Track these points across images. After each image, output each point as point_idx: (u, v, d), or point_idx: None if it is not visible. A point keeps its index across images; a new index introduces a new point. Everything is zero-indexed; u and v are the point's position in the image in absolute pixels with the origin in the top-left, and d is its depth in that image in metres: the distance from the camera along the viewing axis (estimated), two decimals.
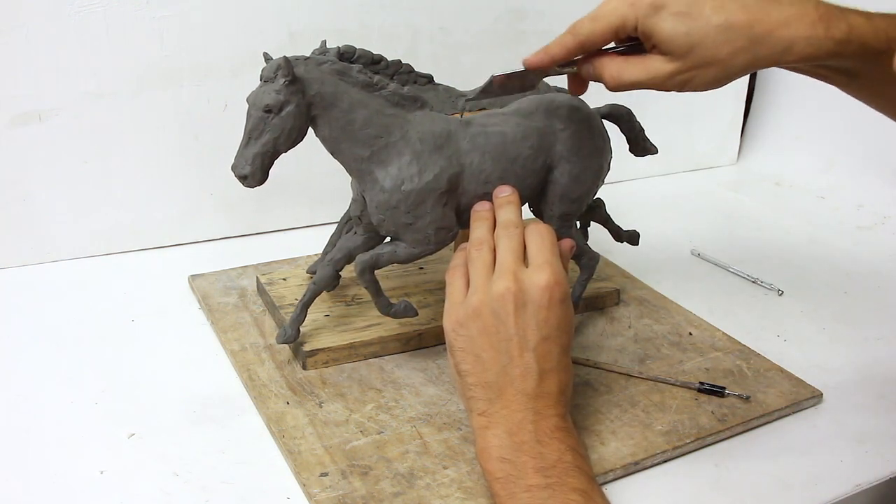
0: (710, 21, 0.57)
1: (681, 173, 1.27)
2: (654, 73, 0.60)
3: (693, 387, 0.72)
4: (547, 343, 0.59)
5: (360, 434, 0.65)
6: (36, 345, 0.77)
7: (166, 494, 0.60)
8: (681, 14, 0.57)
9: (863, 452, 0.67)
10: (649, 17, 0.58)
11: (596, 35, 0.60)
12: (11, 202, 0.88)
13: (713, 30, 0.57)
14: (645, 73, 0.60)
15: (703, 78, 0.60)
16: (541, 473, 0.54)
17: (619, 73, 0.61)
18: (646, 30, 0.59)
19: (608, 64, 0.62)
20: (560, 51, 0.62)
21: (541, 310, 0.59)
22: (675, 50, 0.58)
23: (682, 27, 0.57)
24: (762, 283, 0.93)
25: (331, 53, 0.69)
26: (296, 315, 0.72)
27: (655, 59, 0.60)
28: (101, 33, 0.86)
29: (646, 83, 0.61)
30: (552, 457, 0.55)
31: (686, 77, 0.60)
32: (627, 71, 0.61)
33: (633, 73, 0.61)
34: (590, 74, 0.64)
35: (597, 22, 0.60)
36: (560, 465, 0.55)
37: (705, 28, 0.57)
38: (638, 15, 0.58)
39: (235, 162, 0.63)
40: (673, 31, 0.58)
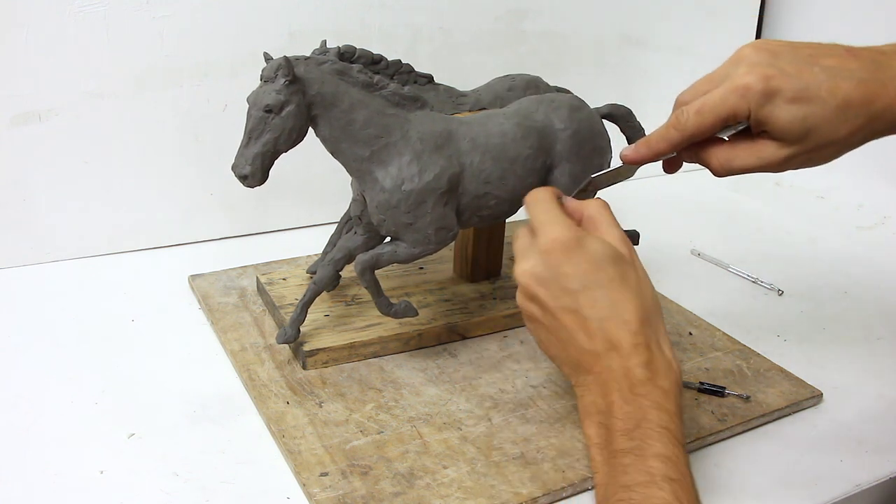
0: (826, 104, 0.54)
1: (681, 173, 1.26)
2: (768, 159, 0.57)
3: (693, 387, 0.72)
4: (585, 294, 0.55)
5: (360, 434, 0.65)
6: (36, 345, 0.77)
7: (166, 494, 0.60)
8: (796, 100, 0.54)
9: (863, 452, 0.67)
10: (763, 107, 0.55)
11: (703, 128, 0.57)
12: (11, 202, 0.88)
13: (831, 112, 0.55)
14: (757, 160, 0.58)
15: (821, 157, 0.57)
16: (626, 436, 0.52)
17: (729, 162, 0.59)
18: (759, 119, 0.56)
19: (716, 152, 0.59)
20: (665, 146, 0.60)
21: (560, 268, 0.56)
22: (790, 136, 0.56)
23: (800, 114, 0.55)
24: (762, 283, 0.93)
25: (331, 53, 0.69)
26: (296, 315, 0.72)
27: (768, 146, 0.57)
28: (101, 33, 0.86)
29: (757, 169, 0.58)
30: (636, 416, 0.52)
31: (802, 160, 0.57)
32: (738, 159, 0.58)
33: (744, 160, 0.58)
34: (693, 159, 0.61)
35: (704, 115, 0.57)
36: (644, 426, 0.52)
37: (822, 111, 0.54)
38: (751, 105, 0.55)
39: (236, 162, 0.63)
40: (789, 119, 0.55)
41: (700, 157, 0.60)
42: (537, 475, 0.61)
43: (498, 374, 0.73)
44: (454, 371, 0.74)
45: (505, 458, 0.63)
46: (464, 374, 0.73)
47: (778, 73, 0.55)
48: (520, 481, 0.61)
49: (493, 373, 0.73)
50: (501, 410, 0.69)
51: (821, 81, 0.54)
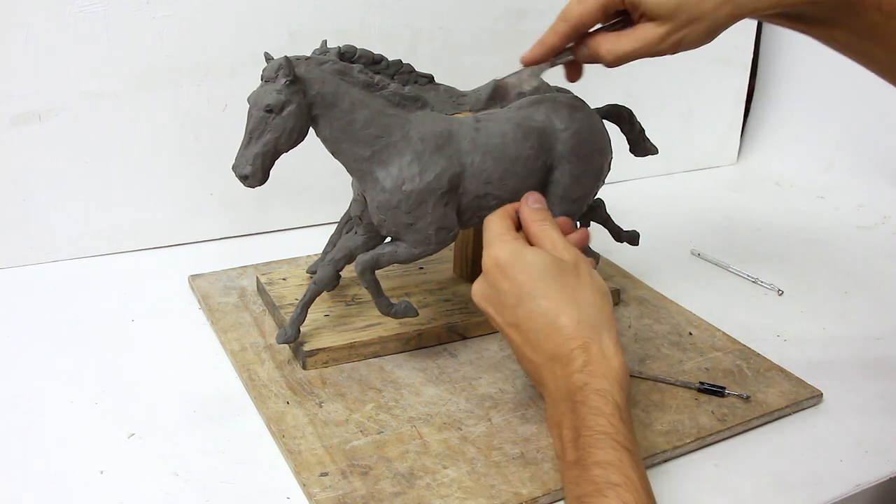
0: None
1: (681, 173, 1.27)
2: (647, 39, 0.62)
3: (693, 387, 0.72)
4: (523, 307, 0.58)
5: (360, 434, 0.65)
6: (36, 345, 0.77)
7: (166, 494, 0.60)
8: None
9: (863, 452, 0.67)
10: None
11: (586, 15, 0.63)
12: (11, 202, 0.88)
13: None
14: (639, 42, 0.62)
15: (694, 34, 0.62)
16: (573, 446, 0.53)
17: (615, 47, 0.63)
18: (633, 1, 0.61)
19: (602, 41, 0.64)
20: (554, 38, 0.64)
21: (497, 287, 0.60)
22: (662, 14, 0.61)
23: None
24: (762, 283, 0.93)
25: (331, 53, 0.69)
26: (296, 315, 0.72)
27: (646, 27, 0.62)
28: (101, 33, 0.86)
29: (641, 51, 0.63)
30: (577, 424, 0.54)
31: (677, 37, 0.62)
32: (622, 43, 0.63)
33: (628, 43, 0.63)
34: (586, 56, 0.65)
35: (584, 3, 0.62)
36: (584, 434, 0.53)
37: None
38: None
39: (236, 162, 0.63)
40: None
41: (590, 51, 0.65)
42: (537, 475, 0.61)
43: (498, 374, 0.73)
44: (454, 371, 0.74)
45: (505, 458, 0.63)
46: (464, 374, 0.73)
47: None
48: (520, 481, 0.61)
49: (493, 373, 0.73)
50: (501, 410, 0.69)
51: None
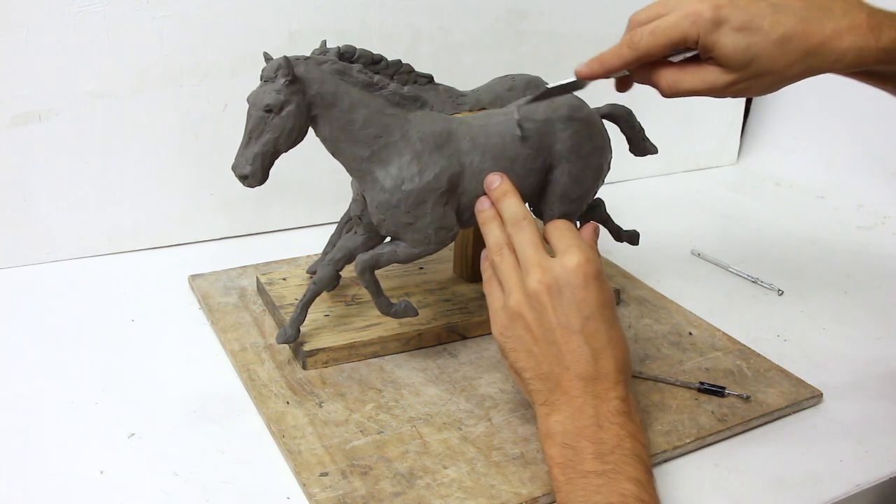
0: (768, 36, 0.59)
1: (681, 173, 1.27)
2: (712, 83, 0.61)
3: (693, 387, 0.72)
4: (592, 322, 0.59)
5: (360, 434, 0.65)
6: (36, 345, 0.77)
7: (166, 494, 0.60)
8: (741, 29, 0.59)
9: (863, 452, 0.67)
10: (711, 34, 0.59)
11: (655, 49, 0.61)
12: (11, 202, 0.88)
13: (771, 44, 0.59)
14: (702, 84, 0.62)
15: (759, 86, 0.62)
16: (599, 459, 0.55)
17: (676, 83, 0.63)
18: (707, 44, 0.60)
19: (665, 73, 0.63)
20: (616, 62, 0.63)
21: (577, 291, 0.59)
22: (733, 63, 0.60)
23: (743, 42, 0.59)
24: (762, 283, 0.93)
25: (331, 53, 0.69)
26: (296, 315, 0.72)
27: (712, 71, 0.61)
28: (101, 33, 0.86)
29: (702, 92, 0.62)
30: (611, 442, 0.56)
31: (742, 87, 0.62)
32: (684, 81, 0.62)
33: (690, 83, 0.62)
34: (643, 79, 0.65)
35: (657, 36, 0.61)
36: (618, 452, 0.55)
37: (764, 42, 0.59)
38: (700, 31, 0.59)
39: (236, 162, 0.63)
40: (734, 47, 0.59)
41: (650, 78, 0.64)
42: (537, 475, 0.61)
43: (498, 374, 0.73)
44: (454, 371, 0.74)
45: (505, 458, 0.63)
46: (464, 374, 0.73)
47: (728, 4, 0.59)
48: (520, 481, 0.61)
49: (493, 373, 0.73)
50: (501, 410, 0.69)
51: (766, 15, 0.59)
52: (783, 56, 0.59)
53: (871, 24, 0.59)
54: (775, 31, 0.59)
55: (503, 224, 0.65)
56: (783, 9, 0.60)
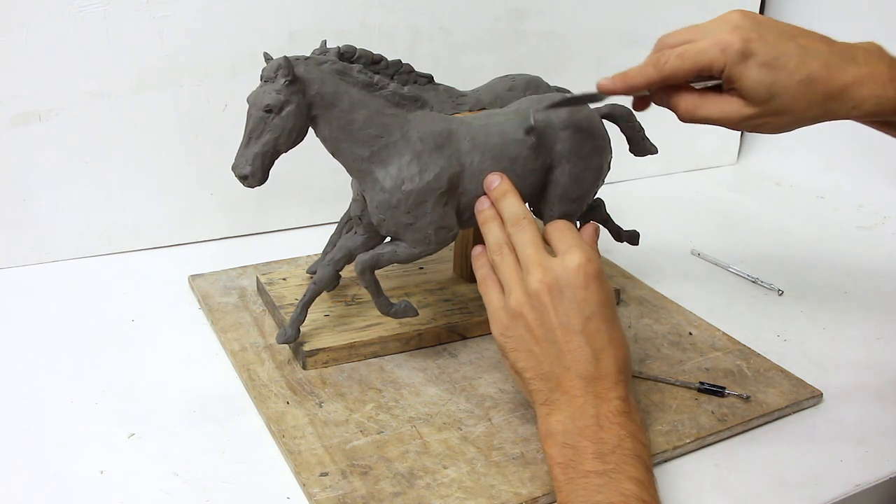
0: (793, 75, 0.60)
1: (681, 173, 1.27)
2: (730, 114, 0.62)
3: (693, 387, 0.72)
4: (593, 322, 0.59)
5: (360, 434, 0.65)
6: (36, 345, 0.77)
7: (166, 494, 0.60)
8: (768, 65, 0.60)
9: (863, 452, 0.67)
10: (738, 65, 0.60)
11: (680, 73, 0.62)
12: (11, 202, 0.88)
13: (795, 84, 0.60)
14: (720, 113, 0.62)
15: (775, 124, 0.62)
16: (599, 459, 0.55)
17: (695, 108, 0.63)
18: (732, 75, 0.61)
19: (684, 98, 0.64)
20: (640, 80, 0.63)
21: (578, 291, 0.60)
22: (755, 97, 0.61)
23: (768, 78, 0.60)
24: (762, 283, 0.93)
25: (331, 53, 0.69)
26: (296, 315, 0.72)
27: (733, 102, 0.62)
28: (101, 33, 0.86)
29: (719, 122, 0.63)
30: (612, 442, 0.56)
31: (759, 122, 0.62)
32: (703, 108, 0.63)
33: (709, 110, 0.63)
34: (661, 102, 0.65)
35: (684, 60, 0.61)
36: (619, 452, 0.55)
37: (788, 81, 0.60)
38: (727, 60, 0.60)
39: (236, 162, 0.63)
40: (758, 81, 0.60)
41: (669, 101, 0.65)
42: (537, 475, 0.61)
43: (498, 374, 0.73)
44: (454, 371, 0.74)
45: (505, 458, 0.63)
46: (464, 374, 0.73)
47: (758, 38, 0.60)
48: (520, 481, 0.61)
49: (493, 373, 0.73)
50: (501, 410, 0.69)
51: (792, 54, 0.60)
52: (804, 97, 0.60)
53: (892, 74, 0.61)
54: (800, 72, 0.60)
55: (503, 224, 0.65)
56: (810, 51, 0.60)
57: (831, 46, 0.62)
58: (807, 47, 0.61)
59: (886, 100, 0.60)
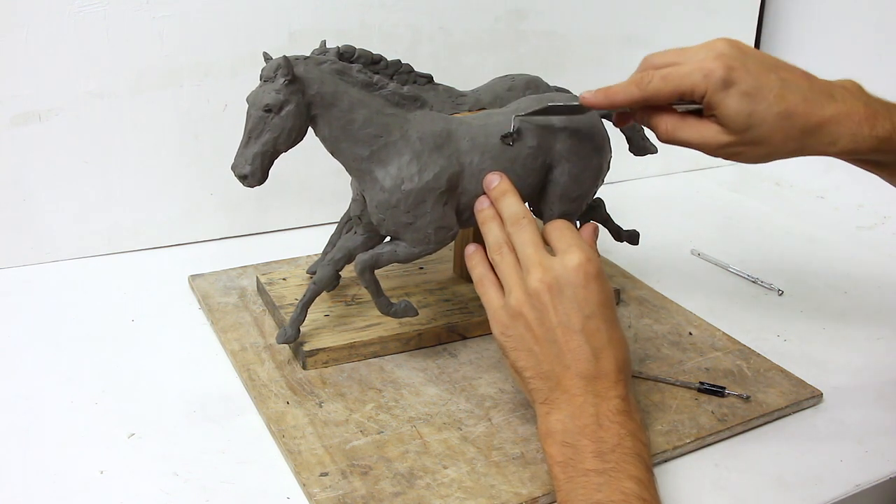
0: (772, 107, 0.60)
1: (681, 173, 1.27)
2: (708, 140, 0.63)
3: (693, 387, 0.72)
4: (592, 321, 0.60)
5: (360, 434, 0.65)
6: (36, 345, 0.77)
7: (166, 494, 0.60)
8: (748, 95, 0.60)
9: (863, 452, 0.67)
10: (718, 92, 0.60)
11: (663, 94, 0.62)
12: (11, 202, 0.88)
13: (773, 116, 0.61)
14: (698, 137, 0.63)
15: (751, 154, 0.63)
16: (599, 458, 0.55)
17: (674, 130, 0.64)
18: (712, 102, 0.61)
19: (665, 119, 0.64)
20: (622, 97, 0.64)
21: (578, 290, 0.60)
22: (733, 126, 0.61)
23: (747, 108, 0.60)
24: (762, 283, 0.93)
25: (330, 53, 0.69)
26: (296, 315, 0.72)
27: (711, 128, 0.63)
28: (101, 33, 0.86)
29: (696, 146, 0.64)
30: (612, 441, 0.56)
31: (735, 150, 0.63)
32: (682, 130, 0.63)
33: (687, 134, 0.63)
34: (642, 120, 0.66)
35: (667, 82, 0.62)
36: (619, 451, 0.56)
37: (766, 113, 0.61)
38: (709, 87, 0.61)
39: (235, 161, 0.63)
40: (737, 109, 0.61)
41: (650, 120, 0.65)
42: (537, 475, 0.61)
43: (498, 374, 0.73)
44: (454, 371, 0.74)
45: (505, 458, 0.63)
46: (464, 374, 0.73)
47: (741, 67, 0.61)
48: (520, 481, 0.61)
49: (493, 373, 0.73)
50: (501, 410, 0.69)
51: (773, 87, 0.61)
52: (781, 130, 0.61)
53: (868, 112, 0.62)
54: (779, 105, 0.60)
55: (503, 223, 0.65)
56: (790, 85, 0.61)
57: (811, 82, 0.62)
58: (788, 80, 0.61)
59: (862, 138, 0.61)
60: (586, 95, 0.65)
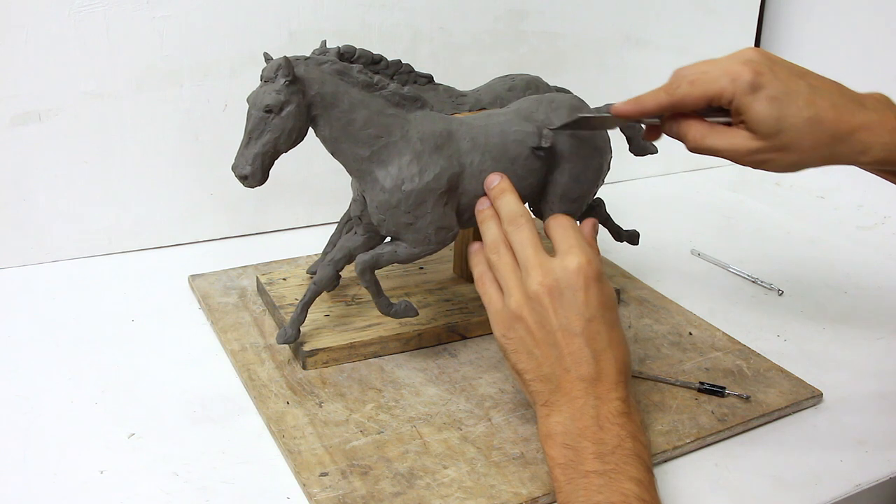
0: (801, 112, 0.60)
1: (681, 173, 1.27)
2: (736, 146, 0.62)
3: (693, 387, 0.72)
4: (593, 324, 0.59)
5: (360, 434, 0.65)
6: (36, 345, 0.77)
7: (166, 494, 0.60)
8: (776, 99, 0.60)
9: (863, 452, 0.67)
10: (746, 95, 0.60)
11: (691, 99, 0.62)
12: (11, 202, 0.88)
13: (802, 121, 0.60)
14: (727, 144, 0.62)
15: (781, 162, 0.62)
16: (599, 459, 0.55)
17: (702, 138, 0.63)
18: (740, 106, 0.61)
19: (693, 126, 0.63)
20: (652, 104, 0.64)
21: (578, 293, 0.60)
22: (762, 130, 0.60)
23: (775, 112, 0.60)
24: (762, 283, 0.93)
25: (331, 53, 0.69)
26: (296, 315, 0.72)
27: (740, 134, 0.62)
28: (101, 33, 0.86)
29: (725, 153, 0.63)
30: (612, 443, 0.56)
31: (765, 157, 0.62)
32: (710, 138, 0.63)
33: (716, 141, 0.63)
34: (671, 131, 0.65)
35: (695, 87, 0.62)
36: (619, 452, 0.55)
37: (795, 118, 0.60)
38: (736, 91, 0.60)
39: (236, 162, 0.63)
40: (765, 114, 0.60)
41: (679, 129, 0.65)
42: (537, 475, 0.61)
43: (498, 374, 0.73)
44: (454, 371, 0.74)
45: (505, 458, 0.63)
46: (464, 374, 0.73)
47: (768, 73, 0.60)
48: (520, 481, 0.61)
49: (493, 373, 0.73)
50: (501, 410, 0.69)
51: (802, 92, 0.60)
52: (811, 136, 0.60)
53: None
54: (808, 110, 0.59)
55: (500, 222, 0.65)
56: (819, 91, 0.60)
57: (841, 90, 0.62)
58: (817, 87, 0.61)
59: (893, 147, 0.60)
60: (617, 106, 0.65)
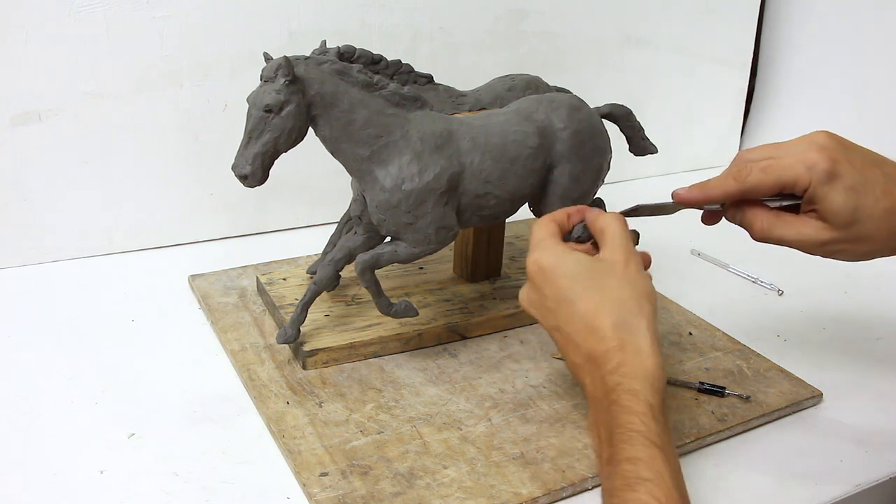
0: (878, 203, 0.57)
1: (681, 173, 1.27)
2: (808, 237, 0.60)
3: (693, 387, 0.72)
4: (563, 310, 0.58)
5: (360, 434, 0.65)
6: (36, 345, 0.77)
7: (166, 494, 0.60)
8: (853, 189, 0.57)
9: (863, 452, 0.67)
10: (823, 185, 0.57)
11: (764, 187, 0.59)
12: (11, 202, 0.88)
13: (880, 212, 0.57)
14: (797, 235, 0.60)
15: (854, 252, 0.60)
16: (607, 444, 0.54)
17: (770, 228, 0.61)
18: (815, 195, 0.58)
19: (760, 216, 0.61)
20: (719, 192, 0.61)
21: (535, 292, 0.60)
22: (837, 221, 0.58)
23: (852, 202, 0.57)
24: (762, 283, 0.93)
25: (331, 53, 0.69)
26: (296, 315, 0.72)
27: (811, 224, 0.59)
28: (101, 33, 0.86)
29: (795, 244, 0.61)
30: (610, 424, 0.54)
31: (838, 248, 0.60)
32: (779, 228, 0.60)
33: (785, 231, 0.60)
34: (735, 219, 0.63)
35: (768, 174, 0.59)
36: (616, 432, 0.54)
37: (873, 209, 0.57)
38: (813, 179, 0.57)
39: (236, 162, 0.63)
40: (843, 204, 0.57)
41: (743, 217, 0.62)
42: (537, 475, 0.61)
43: (498, 374, 0.73)
44: (454, 371, 0.74)
45: (505, 458, 0.63)
46: (464, 374, 0.73)
47: (845, 161, 0.58)
48: (520, 481, 0.61)
49: (493, 373, 0.73)
50: (501, 410, 0.69)
51: (879, 182, 0.58)
52: (887, 226, 0.58)
53: None
54: (886, 200, 0.57)
55: None
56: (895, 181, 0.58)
57: None
58: (892, 176, 0.58)
59: None
60: (680, 192, 0.63)
